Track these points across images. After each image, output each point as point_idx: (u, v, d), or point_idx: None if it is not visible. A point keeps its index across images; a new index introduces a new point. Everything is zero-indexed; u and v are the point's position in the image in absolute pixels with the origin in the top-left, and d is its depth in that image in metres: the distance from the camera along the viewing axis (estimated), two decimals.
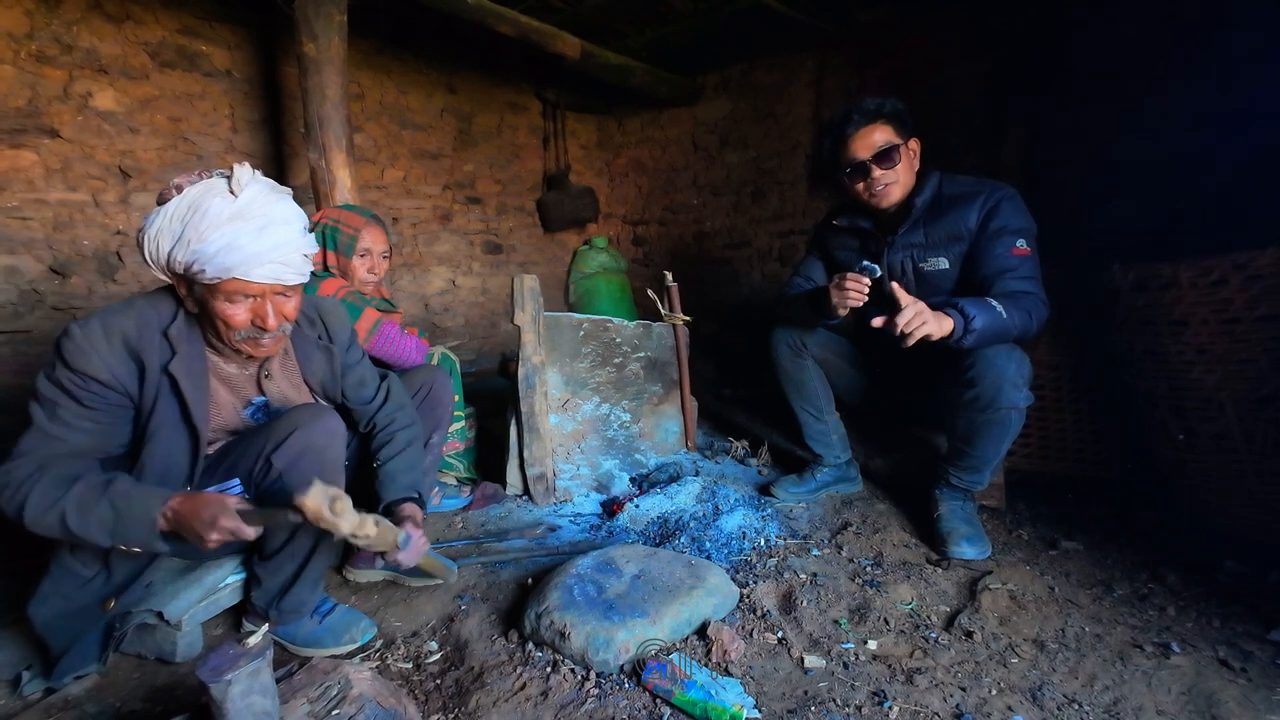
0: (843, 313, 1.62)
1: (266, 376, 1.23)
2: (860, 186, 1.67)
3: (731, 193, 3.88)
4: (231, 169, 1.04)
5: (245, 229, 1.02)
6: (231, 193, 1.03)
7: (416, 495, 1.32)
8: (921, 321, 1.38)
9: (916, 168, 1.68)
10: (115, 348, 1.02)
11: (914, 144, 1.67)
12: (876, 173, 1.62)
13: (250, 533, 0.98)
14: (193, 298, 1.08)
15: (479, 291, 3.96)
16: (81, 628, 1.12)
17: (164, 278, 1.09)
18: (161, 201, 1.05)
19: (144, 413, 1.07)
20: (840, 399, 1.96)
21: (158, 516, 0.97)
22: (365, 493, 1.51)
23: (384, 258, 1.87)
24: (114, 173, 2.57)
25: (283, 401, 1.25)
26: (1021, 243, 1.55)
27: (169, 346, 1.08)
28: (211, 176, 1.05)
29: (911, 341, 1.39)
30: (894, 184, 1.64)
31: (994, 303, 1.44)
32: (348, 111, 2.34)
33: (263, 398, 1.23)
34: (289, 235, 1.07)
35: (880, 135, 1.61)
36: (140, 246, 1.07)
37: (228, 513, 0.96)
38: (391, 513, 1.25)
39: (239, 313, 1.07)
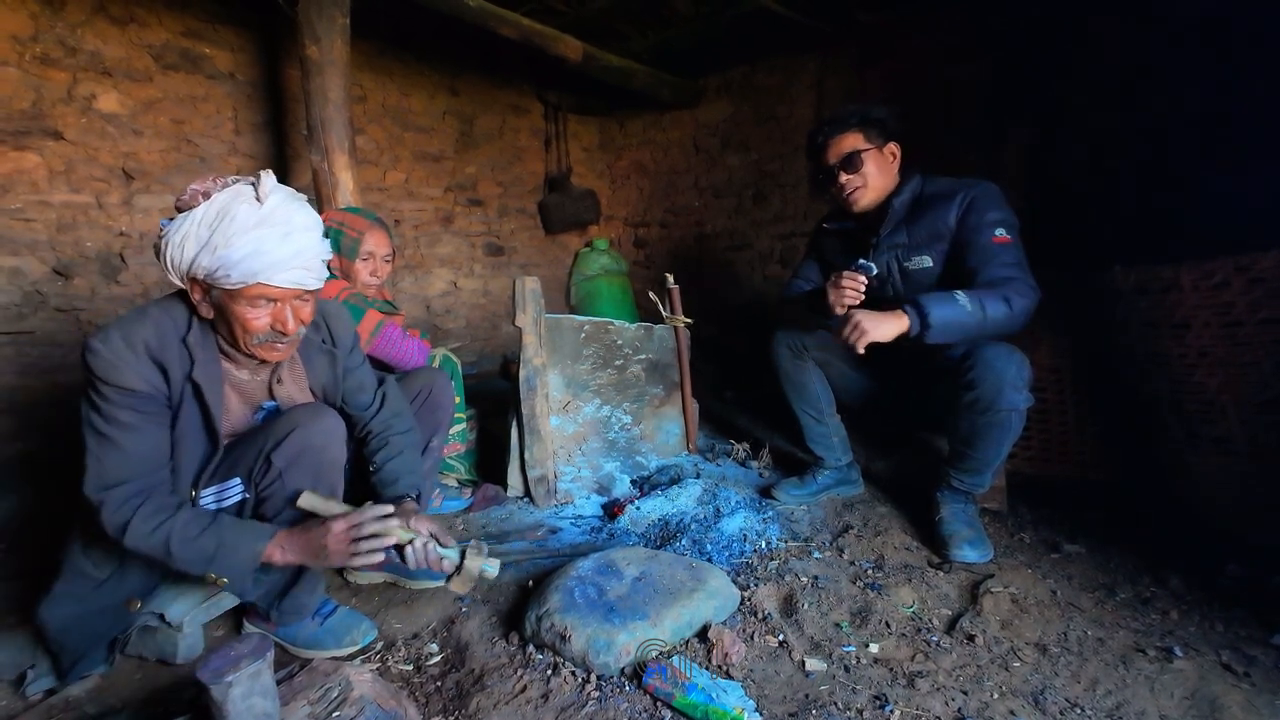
0: (840, 311, 1.63)
1: (278, 382, 1.24)
2: (833, 190, 1.75)
3: (733, 195, 3.88)
4: (258, 176, 1.07)
5: (271, 235, 1.04)
6: (258, 199, 1.05)
7: (415, 495, 1.32)
8: (860, 333, 1.46)
9: (895, 170, 1.72)
10: (141, 357, 1.03)
11: (892, 148, 1.71)
12: (843, 177, 1.70)
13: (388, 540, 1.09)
14: (209, 302, 1.09)
15: (480, 293, 3.97)
16: (103, 629, 1.13)
17: (178, 283, 1.09)
18: (181, 207, 1.06)
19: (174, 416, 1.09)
20: (841, 401, 1.96)
21: (260, 549, 1.06)
22: (359, 493, 1.52)
23: (386, 261, 1.87)
24: (117, 174, 2.58)
25: (291, 406, 1.25)
26: (1000, 231, 1.58)
27: (188, 354, 1.09)
28: (230, 183, 1.07)
29: (860, 349, 1.47)
30: (861, 188, 1.70)
31: (958, 295, 1.47)
32: (350, 114, 2.35)
33: (273, 402, 1.24)
34: (310, 241, 1.09)
35: (849, 142, 1.69)
36: (158, 252, 1.08)
37: (337, 536, 1.06)
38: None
39: (260, 317, 1.08)
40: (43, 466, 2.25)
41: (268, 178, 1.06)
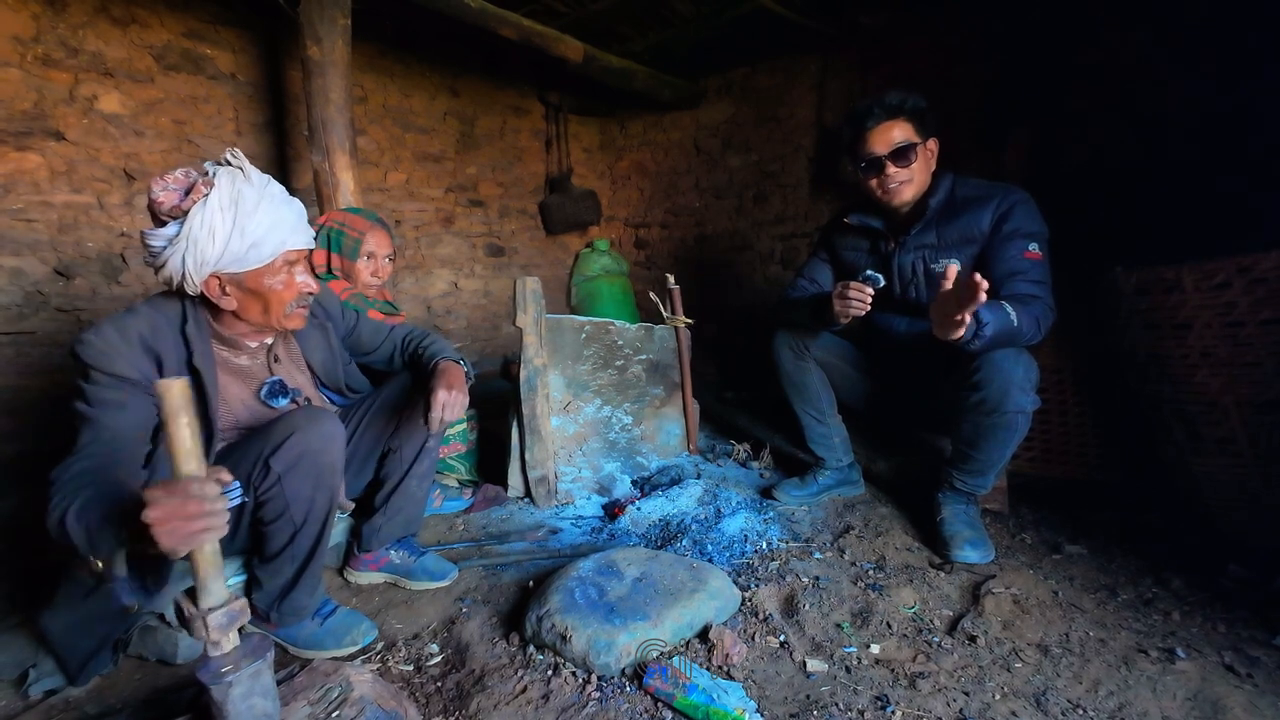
0: (844, 321, 1.62)
1: (276, 360, 1.27)
2: (874, 182, 1.66)
3: (733, 196, 3.88)
4: (225, 160, 1.08)
5: (275, 204, 1.09)
6: (246, 177, 1.08)
7: (461, 362, 1.39)
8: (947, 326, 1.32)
9: (933, 168, 1.68)
10: (134, 346, 1.04)
11: (932, 144, 1.66)
12: (891, 169, 1.62)
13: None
14: (238, 289, 1.11)
15: (481, 294, 3.97)
16: (106, 632, 1.13)
17: (194, 285, 1.08)
18: (173, 215, 1.04)
19: None
20: (843, 402, 1.95)
21: (119, 512, 0.84)
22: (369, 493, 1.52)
23: (388, 261, 1.88)
24: (119, 175, 2.58)
25: (292, 383, 1.28)
26: (1034, 246, 1.55)
27: (185, 344, 1.10)
28: (194, 176, 1.06)
29: (946, 335, 1.33)
30: (907, 183, 1.63)
31: (1007, 307, 1.41)
32: (351, 114, 2.35)
33: (276, 377, 1.26)
34: (295, 201, 1.16)
35: (899, 132, 1.61)
36: (160, 261, 1.06)
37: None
38: (434, 367, 1.34)
39: (290, 285, 1.14)
40: (44, 467, 2.25)
41: (239, 157, 1.09)
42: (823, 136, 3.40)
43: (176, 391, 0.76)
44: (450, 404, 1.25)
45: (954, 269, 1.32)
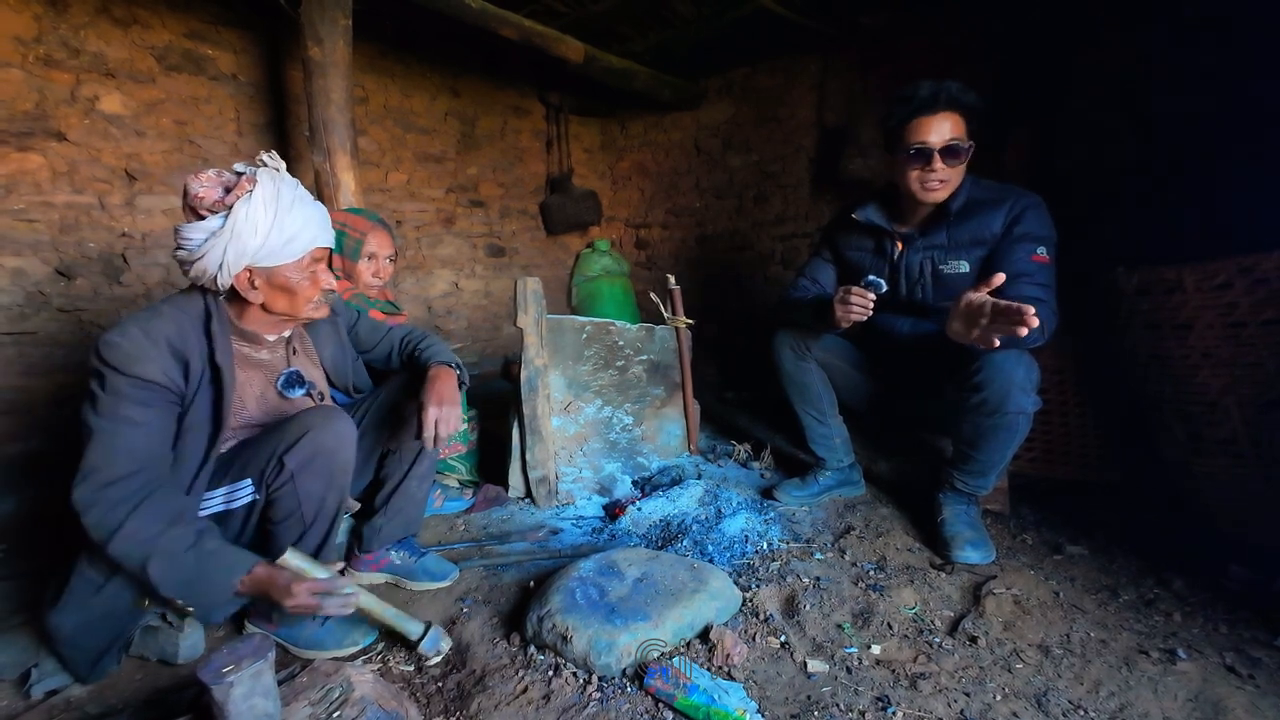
0: (845, 325, 1.61)
1: (294, 353, 1.29)
2: (915, 173, 1.57)
3: (734, 196, 3.88)
4: (262, 160, 1.13)
5: (306, 204, 1.14)
6: (283, 178, 1.14)
7: (456, 365, 1.41)
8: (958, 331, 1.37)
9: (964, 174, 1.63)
10: (162, 349, 1.05)
11: (971, 148, 1.59)
12: (938, 165, 1.53)
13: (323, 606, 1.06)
14: (266, 283, 1.14)
15: (482, 294, 3.97)
16: (118, 628, 1.13)
17: (226, 279, 1.11)
18: (213, 209, 1.08)
19: (184, 410, 1.10)
20: (844, 402, 1.95)
21: (236, 583, 1.04)
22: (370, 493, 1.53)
23: (389, 261, 1.88)
24: (120, 175, 2.58)
25: (308, 376, 1.31)
26: (1042, 250, 1.54)
27: (209, 341, 1.12)
28: (233, 175, 1.12)
29: (964, 337, 1.36)
30: (947, 184, 1.58)
31: None
32: (352, 115, 2.35)
33: (293, 368, 1.28)
34: (320, 204, 1.21)
35: (954, 127, 1.52)
36: (192, 255, 1.09)
37: (303, 585, 1.05)
38: (427, 370, 1.37)
39: (315, 281, 1.18)
40: (46, 467, 2.26)
41: (276, 159, 1.13)
42: (823, 136, 3.40)
43: (293, 561, 1.07)
44: (443, 419, 1.25)
45: (1000, 278, 1.32)
